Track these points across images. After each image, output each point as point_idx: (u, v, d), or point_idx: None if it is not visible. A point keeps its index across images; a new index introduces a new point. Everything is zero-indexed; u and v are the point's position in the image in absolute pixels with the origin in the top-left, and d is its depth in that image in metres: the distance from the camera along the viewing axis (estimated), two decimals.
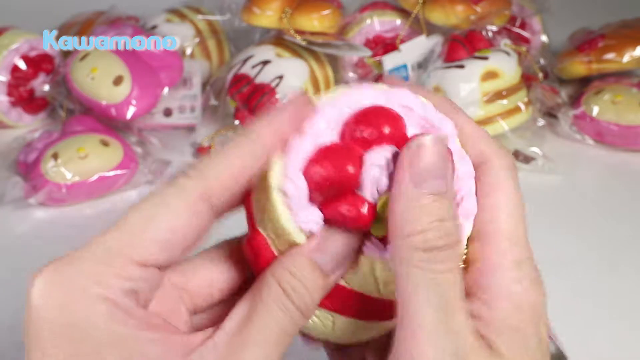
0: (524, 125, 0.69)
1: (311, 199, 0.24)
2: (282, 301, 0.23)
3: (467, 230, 0.25)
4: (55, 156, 0.61)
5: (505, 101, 0.67)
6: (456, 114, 0.26)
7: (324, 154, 0.23)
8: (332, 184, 0.23)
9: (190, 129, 0.73)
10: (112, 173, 0.62)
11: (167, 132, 0.72)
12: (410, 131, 0.24)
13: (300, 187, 0.23)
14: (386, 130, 0.23)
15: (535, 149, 0.68)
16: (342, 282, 0.25)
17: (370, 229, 0.24)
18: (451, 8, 0.74)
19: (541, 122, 0.71)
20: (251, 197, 0.25)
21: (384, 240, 0.24)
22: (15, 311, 0.50)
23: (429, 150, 0.23)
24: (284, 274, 0.23)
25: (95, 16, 0.81)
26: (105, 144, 0.64)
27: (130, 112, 0.67)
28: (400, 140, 0.24)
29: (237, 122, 0.71)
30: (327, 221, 0.24)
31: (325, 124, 0.24)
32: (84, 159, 0.62)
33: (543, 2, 0.82)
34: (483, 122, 0.67)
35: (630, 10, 0.87)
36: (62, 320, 0.22)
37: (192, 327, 0.26)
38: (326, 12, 0.73)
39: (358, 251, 0.24)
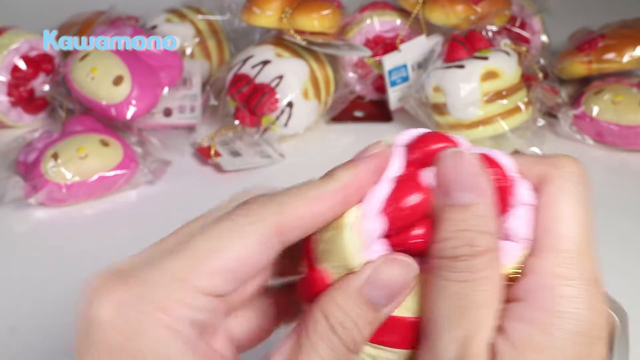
0: (524, 125, 0.69)
1: (385, 237, 0.24)
2: (329, 337, 0.22)
3: (514, 254, 0.24)
4: (55, 156, 0.61)
5: (505, 101, 0.67)
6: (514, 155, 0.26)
7: (395, 192, 0.24)
8: (409, 216, 0.23)
9: (190, 129, 0.73)
10: (112, 173, 0.62)
11: (167, 132, 0.72)
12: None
13: (374, 226, 0.23)
14: (435, 147, 0.24)
15: (535, 149, 0.68)
16: (400, 313, 0.24)
17: None
18: (451, 8, 0.74)
19: (541, 122, 0.71)
20: (311, 236, 0.25)
21: None
22: (16, 311, 0.50)
23: (449, 162, 0.23)
24: (332, 307, 0.23)
25: (95, 16, 0.81)
26: (105, 144, 0.64)
27: (130, 112, 0.67)
28: None
29: (237, 122, 0.71)
30: (395, 251, 0.24)
31: (397, 164, 0.25)
32: (84, 159, 0.62)
33: (543, 2, 0.82)
34: (483, 122, 0.67)
35: (630, 10, 0.86)
36: (127, 345, 0.21)
37: None
38: (326, 12, 0.73)
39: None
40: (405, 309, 0.24)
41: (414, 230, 0.23)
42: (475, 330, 0.22)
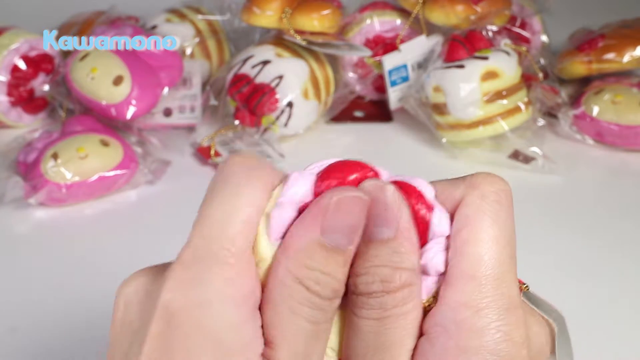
0: (524, 125, 0.69)
1: None
2: (310, 299, 0.21)
3: (430, 288, 0.23)
4: (55, 156, 0.61)
5: (505, 101, 0.67)
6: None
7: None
8: None
9: (190, 129, 0.73)
10: (112, 173, 0.62)
11: (167, 132, 0.72)
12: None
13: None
14: (351, 177, 0.23)
15: (535, 149, 0.68)
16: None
17: None
18: (451, 8, 0.74)
19: (541, 122, 0.71)
20: None
21: None
22: (16, 311, 0.50)
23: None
24: (302, 270, 0.21)
25: (95, 16, 0.81)
26: (105, 144, 0.64)
27: (130, 112, 0.67)
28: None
29: (237, 122, 0.71)
30: None
31: (304, 189, 0.23)
32: (84, 159, 0.62)
33: (543, 2, 0.82)
34: (483, 122, 0.67)
35: (630, 10, 0.87)
36: (192, 320, 0.21)
37: None
38: (326, 12, 0.73)
39: None
40: (330, 349, 0.23)
41: None
42: None
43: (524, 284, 0.25)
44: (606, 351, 0.48)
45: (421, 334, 0.22)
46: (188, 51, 0.78)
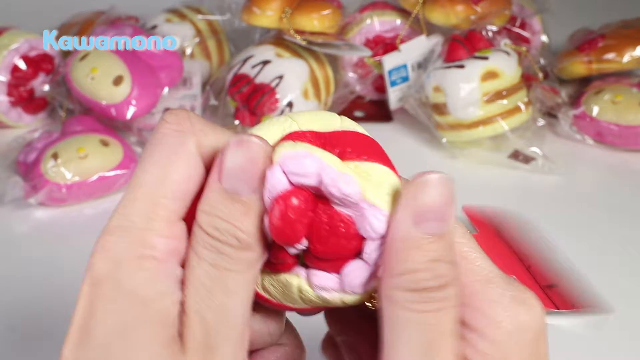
0: (524, 125, 0.69)
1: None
2: (211, 243, 0.22)
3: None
4: (55, 156, 0.61)
5: (505, 101, 0.67)
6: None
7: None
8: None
9: None
10: (112, 173, 0.62)
11: None
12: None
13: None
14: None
15: (535, 149, 0.68)
16: (265, 294, 0.24)
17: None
18: (451, 8, 0.74)
19: (541, 122, 0.71)
20: None
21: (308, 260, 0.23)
22: (16, 311, 0.50)
23: (434, 189, 0.21)
24: (202, 216, 0.22)
25: (95, 16, 0.81)
26: (105, 144, 0.64)
27: (130, 112, 0.67)
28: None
29: (237, 122, 0.71)
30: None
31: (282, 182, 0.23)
32: (84, 159, 0.62)
33: (543, 2, 0.82)
34: (483, 122, 0.67)
35: (630, 10, 0.87)
36: (115, 280, 0.22)
37: None
38: (326, 12, 0.73)
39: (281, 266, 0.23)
40: (267, 293, 0.24)
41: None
42: (452, 357, 0.22)
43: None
44: (606, 351, 0.48)
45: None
46: (188, 51, 0.78)
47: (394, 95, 0.77)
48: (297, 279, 0.23)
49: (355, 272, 0.23)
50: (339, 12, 0.75)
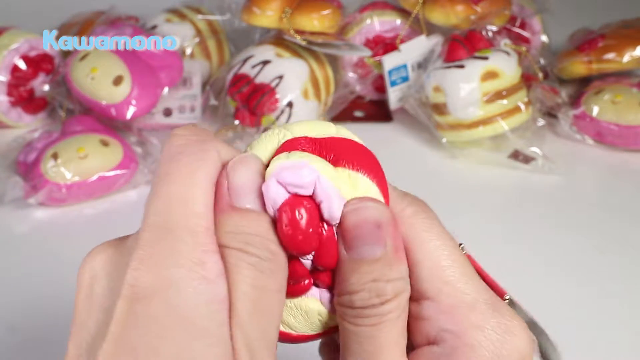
0: (524, 125, 0.69)
1: None
2: (249, 260, 0.21)
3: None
4: (55, 156, 0.61)
5: (505, 101, 0.67)
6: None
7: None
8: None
9: None
10: (112, 173, 0.62)
11: (167, 132, 0.72)
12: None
13: None
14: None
15: (535, 149, 0.68)
16: (287, 329, 0.24)
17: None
18: (451, 8, 0.74)
19: (541, 122, 0.71)
20: None
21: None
22: (16, 311, 0.50)
23: (354, 217, 0.22)
24: (230, 238, 0.21)
25: (95, 16, 0.81)
26: (105, 144, 0.64)
27: (130, 112, 0.67)
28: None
29: (237, 122, 0.71)
30: None
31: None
32: (84, 159, 0.62)
33: (543, 2, 0.82)
34: (483, 122, 0.67)
35: (630, 10, 0.87)
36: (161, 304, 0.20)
37: None
38: (326, 12, 0.73)
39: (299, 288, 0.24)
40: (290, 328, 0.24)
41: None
42: None
43: (506, 295, 0.26)
44: (606, 350, 0.48)
45: (426, 341, 0.23)
46: (188, 51, 0.78)
47: (394, 95, 0.77)
48: (317, 303, 0.24)
49: None
50: (339, 12, 0.75)
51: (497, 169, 0.68)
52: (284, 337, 0.25)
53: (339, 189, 0.22)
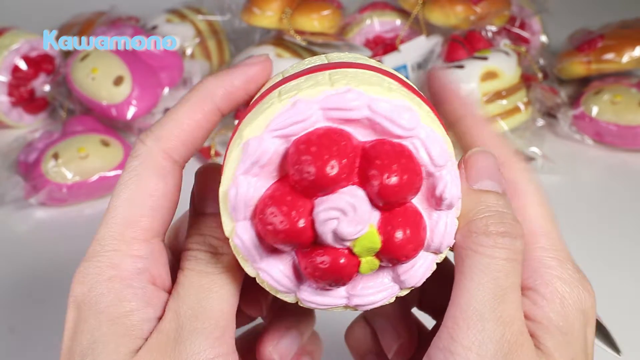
0: (523, 126, 0.69)
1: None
2: (190, 255, 0.24)
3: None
4: (55, 156, 0.61)
5: (504, 101, 0.67)
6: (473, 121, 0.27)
7: (267, 209, 0.21)
8: (288, 242, 0.21)
9: None
10: (112, 173, 0.63)
11: None
12: (363, 135, 0.21)
13: (248, 242, 0.22)
14: (331, 171, 0.20)
15: (534, 149, 0.68)
16: None
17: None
18: (451, 8, 0.75)
19: (541, 122, 0.71)
20: None
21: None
22: (15, 311, 0.50)
23: (480, 156, 0.24)
24: (186, 240, 0.25)
25: (96, 16, 0.81)
26: (105, 144, 0.64)
27: (130, 113, 0.67)
28: (352, 167, 0.21)
29: (237, 122, 0.71)
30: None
31: (259, 167, 0.21)
32: (85, 159, 0.62)
33: (543, 3, 0.82)
34: None
35: (630, 10, 0.87)
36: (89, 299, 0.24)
37: None
38: (326, 12, 0.73)
39: None
40: None
41: (321, 257, 0.21)
42: (517, 311, 0.23)
43: None
44: (605, 350, 0.48)
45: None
46: (188, 51, 0.78)
47: None
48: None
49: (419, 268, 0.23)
50: (339, 13, 0.75)
51: None
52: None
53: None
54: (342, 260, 0.21)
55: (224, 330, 0.23)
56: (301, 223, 0.20)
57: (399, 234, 0.21)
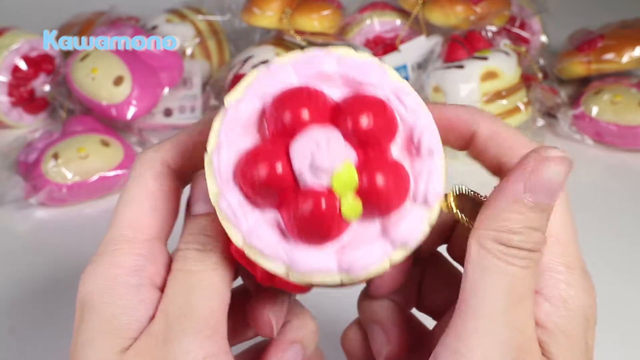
0: (523, 126, 0.69)
1: (254, 204, 0.23)
2: (178, 254, 0.25)
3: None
4: (55, 156, 0.61)
5: (504, 101, 0.67)
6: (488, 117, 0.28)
7: (248, 160, 0.22)
8: (269, 189, 0.22)
9: None
10: (112, 173, 0.63)
11: (168, 132, 0.72)
12: (336, 94, 0.23)
13: (233, 202, 0.22)
14: (305, 115, 0.22)
15: None
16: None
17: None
18: (451, 8, 0.75)
19: (541, 122, 0.71)
20: None
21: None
22: (15, 311, 0.50)
23: (555, 166, 0.23)
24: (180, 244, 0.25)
25: (96, 16, 0.81)
26: (105, 144, 0.64)
27: (130, 113, 0.67)
28: (325, 114, 0.22)
29: None
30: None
31: (241, 127, 0.23)
32: (85, 159, 0.62)
33: (543, 3, 0.82)
34: None
35: (630, 10, 0.87)
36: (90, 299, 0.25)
37: None
38: (326, 12, 0.73)
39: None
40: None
41: (304, 204, 0.22)
42: (529, 318, 0.23)
43: None
44: (606, 351, 0.48)
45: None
46: (188, 51, 0.78)
47: None
48: None
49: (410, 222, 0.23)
50: (339, 13, 0.75)
51: None
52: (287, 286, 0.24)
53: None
54: (323, 203, 0.21)
55: (214, 329, 0.23)
56: (279, 167, 0.22)
57: (378, 175, 0.22)
